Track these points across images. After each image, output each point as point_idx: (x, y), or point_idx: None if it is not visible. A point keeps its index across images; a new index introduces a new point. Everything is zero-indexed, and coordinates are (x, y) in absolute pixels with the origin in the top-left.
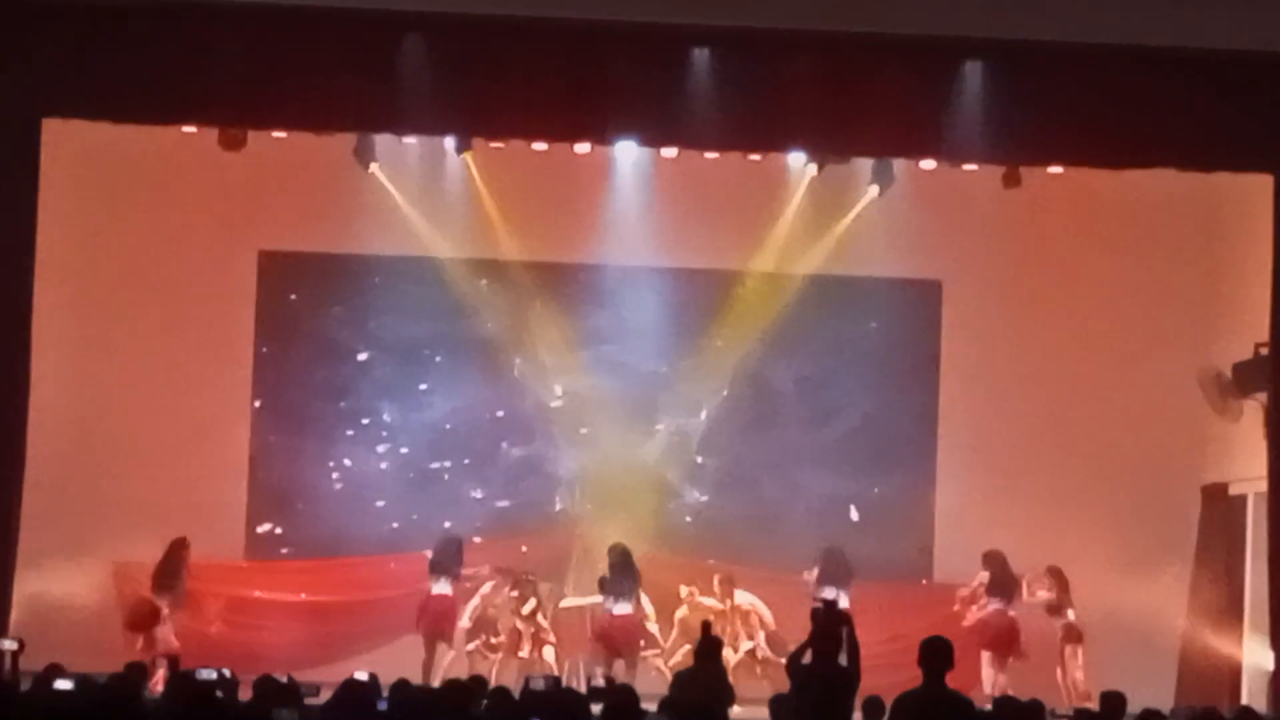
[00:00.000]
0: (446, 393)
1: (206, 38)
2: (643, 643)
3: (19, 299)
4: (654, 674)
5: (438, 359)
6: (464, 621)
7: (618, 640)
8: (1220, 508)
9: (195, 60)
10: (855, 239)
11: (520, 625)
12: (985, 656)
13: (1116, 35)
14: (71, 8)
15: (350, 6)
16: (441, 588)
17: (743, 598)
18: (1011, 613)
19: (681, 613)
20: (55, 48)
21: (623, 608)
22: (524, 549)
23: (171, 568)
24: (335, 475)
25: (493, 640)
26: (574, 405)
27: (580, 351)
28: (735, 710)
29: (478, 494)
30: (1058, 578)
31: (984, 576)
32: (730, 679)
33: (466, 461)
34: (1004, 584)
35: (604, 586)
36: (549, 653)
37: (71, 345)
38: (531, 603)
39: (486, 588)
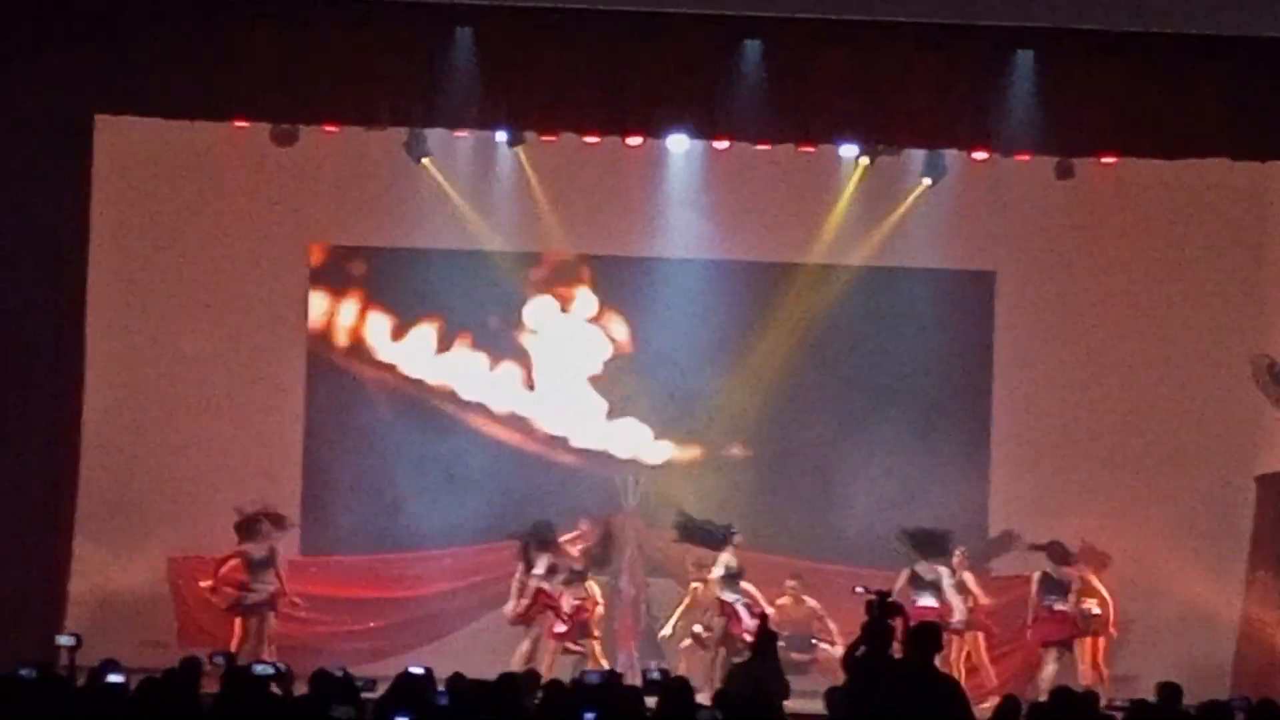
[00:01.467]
0: (499, 385)
1: (258, 32)
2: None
3: (74, 294)
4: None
5: (493, 351)
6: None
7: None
8: (1275, 497)
9: (246, 55)
10: (908, 231)
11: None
12: (1044, 652)
13: (1168, 23)
14: (123, 3)
15: (401, 0)
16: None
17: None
18: (1062, 606)
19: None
20: (107, 44)
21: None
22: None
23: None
24: (390, 470)
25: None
26: (626, 397)
27: (632, 343)
28: (789, 703)
29: (531, 488)
30: (1094, 559)
31: (1036, 576)
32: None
33: (519, 453)
34: (1060, 582)
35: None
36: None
37: (125, 340)
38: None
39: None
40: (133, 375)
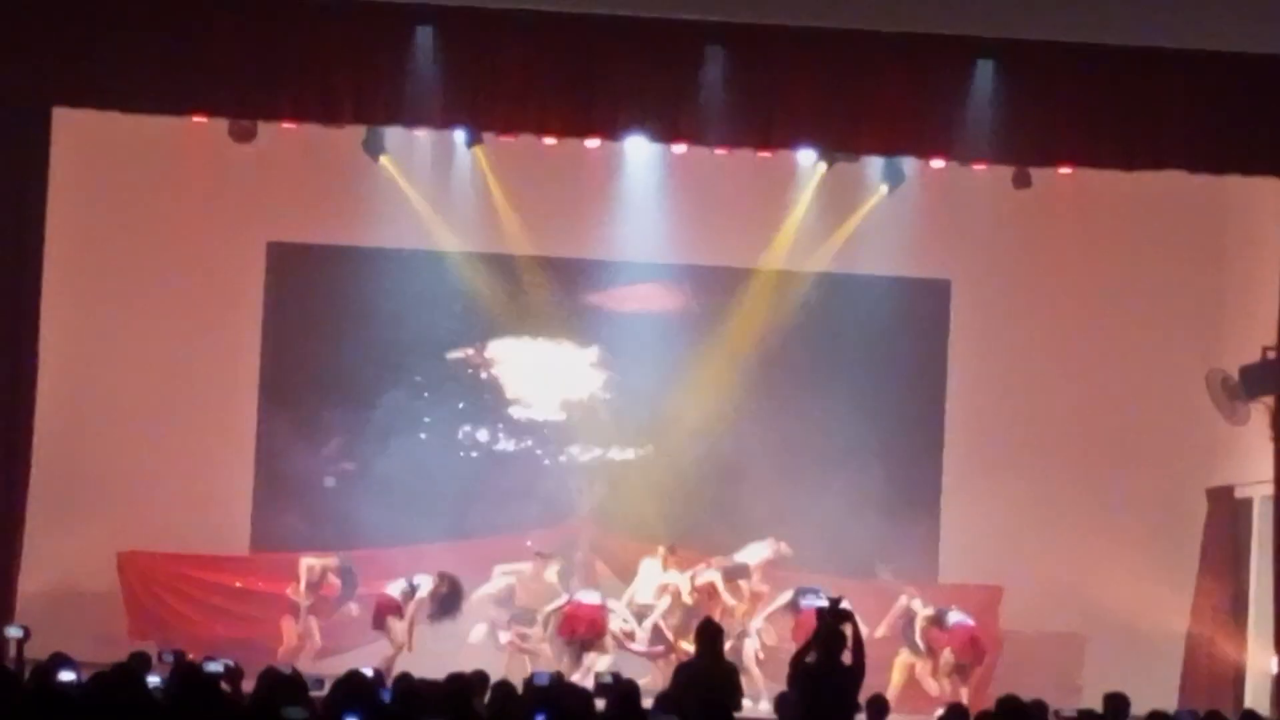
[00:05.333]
0: (454, 387)
1: (217, 28)
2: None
3: (27, 287)
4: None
5: (446, 353)
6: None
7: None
8: (1226, 511)
9: (205, 50)
10: (864, 237)
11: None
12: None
13: (1128, 36)
14: None
15: None
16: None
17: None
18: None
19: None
20: (66, 37)
21: (590, 597)
22: (529, 543)
23: None
24: (342, 467)
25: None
26: (582, 400)
27: (588, 346)
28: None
29: (485, 488)
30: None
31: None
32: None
33: (474, 455)
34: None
35: None
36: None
37: (79, 335)
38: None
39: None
40: (86, 369)
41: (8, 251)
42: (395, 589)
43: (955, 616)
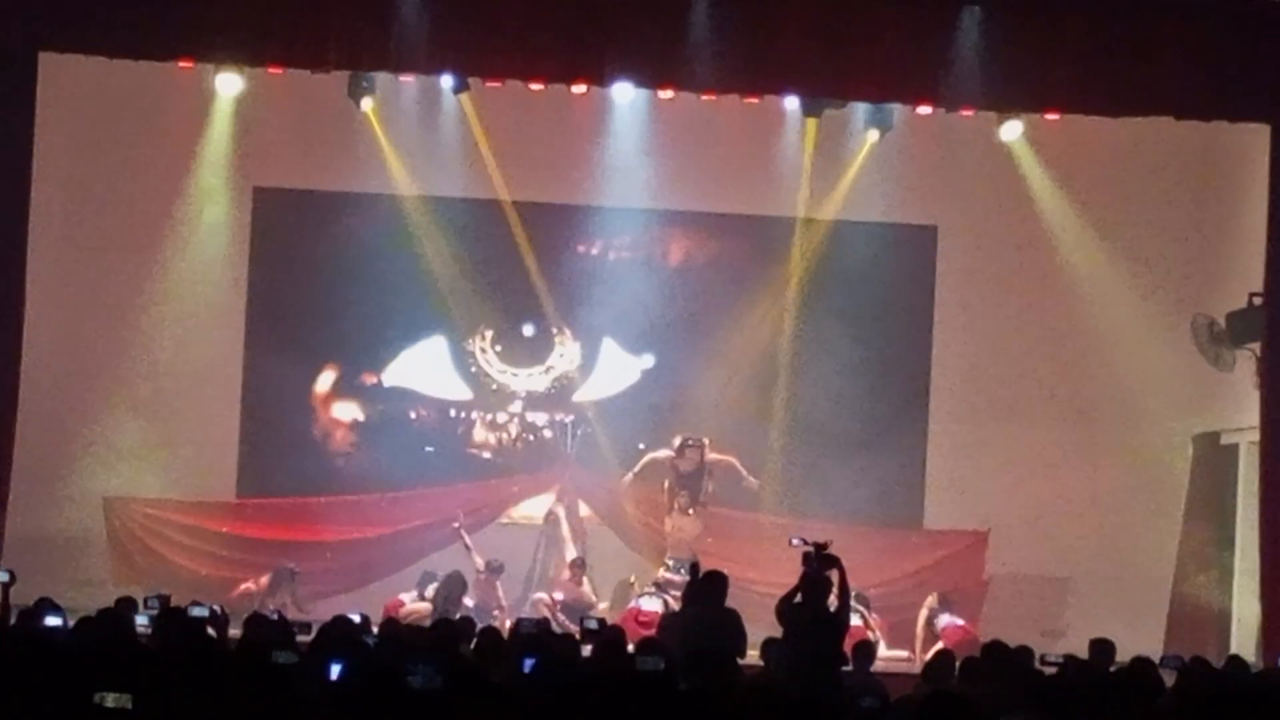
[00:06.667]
0: (438, 332)
1: None
2: None
3: (14, 235)
4: None
5: (431, 298)
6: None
7: None
8: (1212, 457)
9: None
10: (851, 183)
11: None
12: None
13: None
14: None
15: None
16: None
17: None
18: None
19: None
20: None
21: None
22: (515, 489)
23: None
24: (327, 413)
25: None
26: (567, 347)
27: (574, 292)
28: None
29: (469, 434)
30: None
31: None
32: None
33: (457, 400)
34: None
35: None
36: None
37: (65, 280)
38: None
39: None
40: (73, 314)
41: None
42: (407, 596)
43: (945, 619)
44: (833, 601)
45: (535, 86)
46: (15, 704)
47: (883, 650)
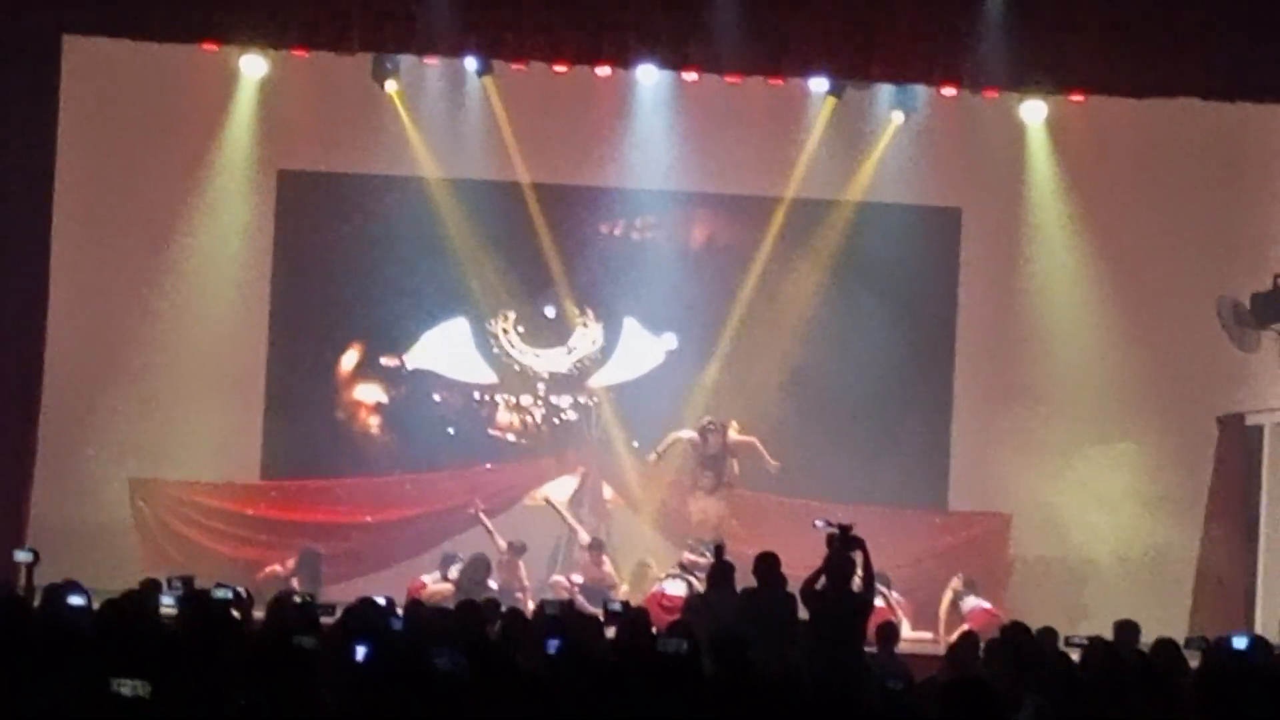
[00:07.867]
0: (460, 314)
1: None
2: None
3: (38, 217)
4: None
5: (453, 280)
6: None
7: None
8: (1237, 438)
9: None
10: (875, 166)
11: None
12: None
13: None
14: None
15: None
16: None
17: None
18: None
19: None
20: None
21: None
22: (538, 471)
23: None
24: (351, 395)
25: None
26: (589, 328)
27: (597, 274)
28: None
29: (492, 416)
30: None
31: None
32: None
33: (480, 383)
34: None
35: None
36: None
37: (90, 263)
38: None
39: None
40: (97, 297)
41: (19, 180)
42: (429, 577)
43: (970, 601)
44: (857, 583)
45: (559, 69)
46: (38, 684)
47: (906, 631)
